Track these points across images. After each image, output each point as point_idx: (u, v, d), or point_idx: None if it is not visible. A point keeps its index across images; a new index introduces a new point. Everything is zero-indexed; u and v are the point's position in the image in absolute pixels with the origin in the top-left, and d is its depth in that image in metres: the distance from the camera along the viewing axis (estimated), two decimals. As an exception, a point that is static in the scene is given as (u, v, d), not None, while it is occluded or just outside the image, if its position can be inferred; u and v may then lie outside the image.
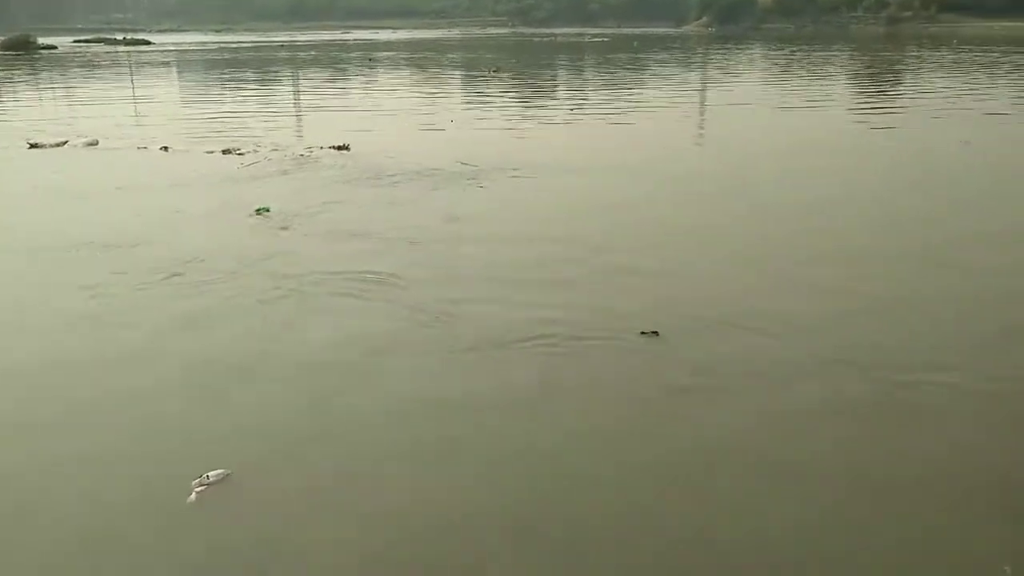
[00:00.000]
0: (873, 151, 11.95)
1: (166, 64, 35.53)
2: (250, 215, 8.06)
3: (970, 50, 30.77)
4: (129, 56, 41.41)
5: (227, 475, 3.73)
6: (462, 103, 19.07)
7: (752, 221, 7.88)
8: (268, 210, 8.12)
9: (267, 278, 6.21)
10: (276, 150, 11.93)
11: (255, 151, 11.85)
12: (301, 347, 5.07)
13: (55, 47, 49.16)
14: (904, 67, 26.45)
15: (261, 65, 31.41)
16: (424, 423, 4.23)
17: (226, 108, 18.12)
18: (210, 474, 3.71)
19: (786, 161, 11.05)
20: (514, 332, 5.16)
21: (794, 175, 10.04)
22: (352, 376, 4.71)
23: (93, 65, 34.72)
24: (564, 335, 5.12)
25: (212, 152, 11.85)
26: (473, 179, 9.78)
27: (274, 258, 6.70)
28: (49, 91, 24.02)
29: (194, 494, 3.61)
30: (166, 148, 12.33)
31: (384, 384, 4.63)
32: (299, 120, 16.46)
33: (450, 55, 35.71)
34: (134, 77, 28.47)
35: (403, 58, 34.67)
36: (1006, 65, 25.32)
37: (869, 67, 27.01)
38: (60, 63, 35.99)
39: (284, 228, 7.66)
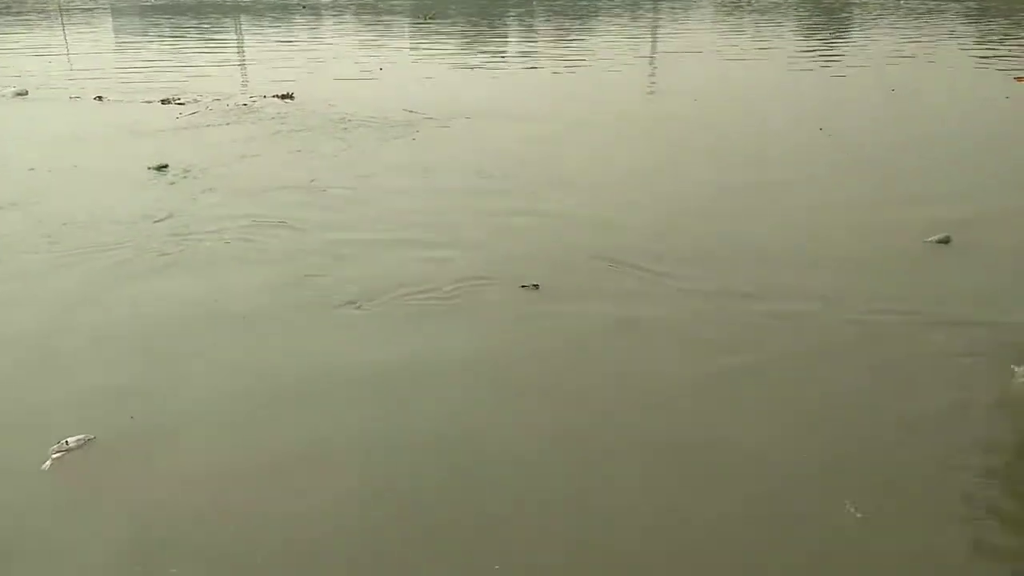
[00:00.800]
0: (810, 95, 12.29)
1: (99, 10, 34.06)
2: (149, 168, 7.91)
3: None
4: (58, 1, 39.59)
5: (89, 440, 3.48)
6: (402, 50, 18.83)
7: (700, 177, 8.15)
8: (166, 167, 7.96)
9: (161, 237, 6.13)
10: (218, 100, 11.75)
11: (196, 100, 11.66)
12: (175, 306, 5.01)
13: (-23, -9, 46.64)
14: (848, 16, 26.89)
15: (201, 12, 30.36)
16: (299, 380, 4.10)
17: (167, 57, 17.60)
18: (69, 439, 3.45)
19: (735, 107, 11.31)
20: (408, 282, 5.22)
21: (742, 122, 10.31)
22: (225, 333, 4.62)
23: (19, 11, 33.14)
24: (464, 284, 5.23)
25: (151, 102, 11.63)
26: (416, 127, 9.84)
27: (176, 216, 6.60)
28: (-26, 39, 22.96)
29: (49, 461, 3.35)
30: (100, 98, 12.05)
31: (258, 340, 4.53)
32: (243, 68, 16.13)
33: (391, 1, 35.00)
34: (66, 24, 27.31)
35: (344, 4, 33.82)
36: (934, 15, 25.94)
37: (814, 18, 27.41)
38: (-16, 8, 34.25)
39: (204, 183, 7.55)
